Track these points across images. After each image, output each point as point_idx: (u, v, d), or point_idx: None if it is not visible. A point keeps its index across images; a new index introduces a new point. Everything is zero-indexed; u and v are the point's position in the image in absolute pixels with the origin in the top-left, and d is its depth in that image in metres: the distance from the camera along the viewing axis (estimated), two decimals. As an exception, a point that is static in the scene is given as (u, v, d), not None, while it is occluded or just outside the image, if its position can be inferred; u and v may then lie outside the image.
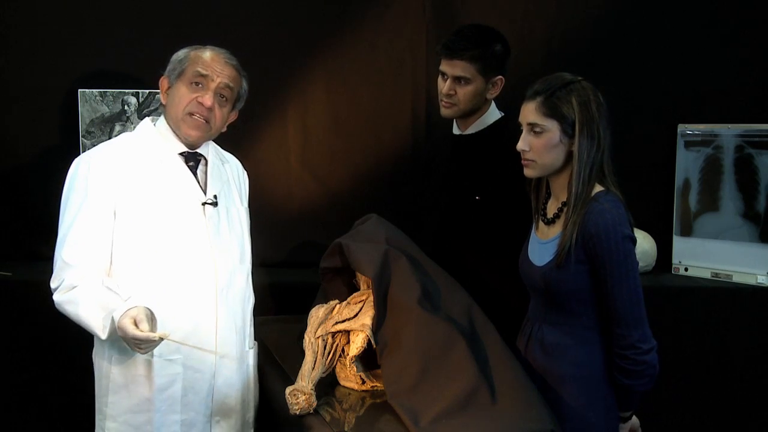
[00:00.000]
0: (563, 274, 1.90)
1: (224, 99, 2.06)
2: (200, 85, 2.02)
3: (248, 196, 2.28)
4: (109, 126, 3.02)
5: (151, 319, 1.83)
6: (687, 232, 3.06)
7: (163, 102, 2.09)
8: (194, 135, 2.05)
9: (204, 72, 2.01)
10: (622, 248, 1.84)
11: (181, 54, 2.06)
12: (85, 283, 1.91)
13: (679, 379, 2.78)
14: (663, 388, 1.97)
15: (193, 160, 2.09)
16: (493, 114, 2.46)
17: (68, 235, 1.95)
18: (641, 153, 3.04)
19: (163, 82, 2.07)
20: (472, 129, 2.47)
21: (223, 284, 2.06)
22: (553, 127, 1.89)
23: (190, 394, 2.03)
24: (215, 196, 2.08)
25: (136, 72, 3.01)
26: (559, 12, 3.10)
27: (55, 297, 1.94)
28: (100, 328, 1.88)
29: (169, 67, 2.07)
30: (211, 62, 2.03)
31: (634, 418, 2.06)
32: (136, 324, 1.79)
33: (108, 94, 3.03)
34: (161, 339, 1.81)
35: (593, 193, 1.90)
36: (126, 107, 3.03)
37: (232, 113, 2.14)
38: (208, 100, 2.01)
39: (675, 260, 3.08)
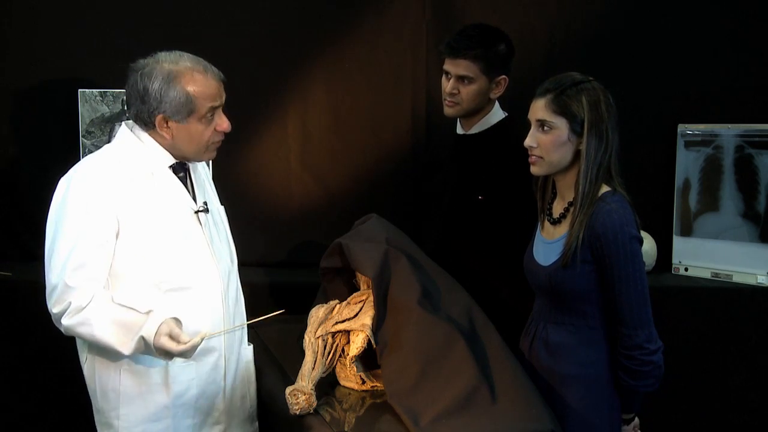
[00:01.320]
0: (569, 274, 1.90)
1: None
2: (211, 115, 1.99)
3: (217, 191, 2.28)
4: (109, 126, 3.02)
5: (179, 324, 1.87)
6: (687, 232, 3.06)
7: (166, 136, 1.97)
8: (214, 156, 2.07)
9: (216, 104, 1.98)
10: (629, 249, 1.84)
11: (178, 93, 1.91)
12: (94, 301, 1.87)
13: (679, 379, 2.77)
14: (663, 387, 1.96)
15: (181, 170, 2.07)
16: (496, 114, 2.46)
17: (70, 260, 1.87)
18: (641, 153, 3.04)
19: (161, 119, 1.94)
20: (475, 129, 2.47)
21: (225, 288, 2.08)
22: (561, 125, 1.90)
23: (202, 398, 2.04)
24: (205, 203, 2.08)
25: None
26: (559, 12, 3.10)
27: (64, 321, 1.88)
28: (122, 345, 1.86)
29: (165, 107, 1.92)
30: (215, 91, 1.96)
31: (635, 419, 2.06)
32: (172, 338, 1.83)
33: (108, 94, 3.03)
34: (203, 339, 1.88)
35: (600, 193, 1.90)
36: (126, 107, 3.02)
37: None
38: (227, 125, 2.02)
39: (675, 260, 3.08)
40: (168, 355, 1.87)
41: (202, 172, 2.20)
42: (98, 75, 3.03)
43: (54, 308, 1.89)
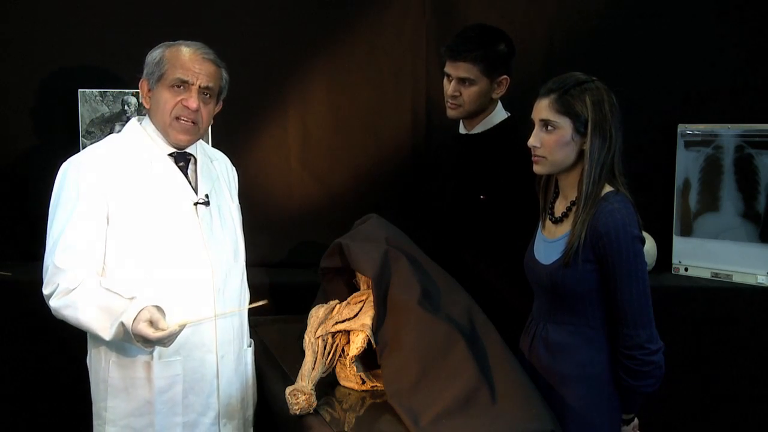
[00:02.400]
0: (570, 273, 1.90)
1: (208, 96, 2.04)
2: (182, 88, 1.99)
3: (238, 192, 2.27)
4: (109, 126, 3.02)
5: (162, 313, 1.86)
6: (687, 232, 3.06)
7: (146, 105, 2.05)
8: (184, 139, 2.04)
9: (185, 77, 1.98)
10: (631, 249, 1.84)
11: (156, 55, 2.02)
12: (82, 285, 1.89)
13: (679, 379, 2.77)
14: (663, 387, 1.96)
15: (182, 160, 2.08)
16: (499, 114, 2.46)
17: (59, 241, 1.91)
18: (641, 153, 3.04)
19: (143, 85, 2.04)
20: (478, 128, 2.47)
21: (219, 284, 2.06)
22: (565, 125, 1.90)
23: (191, 395, 2.03)
24: (207, 196, 2.08)
25: (137, 72, 3.01)
26: (559, 12, 3.10)
27: (52, 303, 1.91)
28: (103, 330, 1.87)
29: (146, 70, 2.03)
30: (189, 63, 1.99)
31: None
32: (151, 324, 1.82)
33: (108, 94, 3.03)
34: (182, 327, 1.84)
35: (603, 193, 1.90)
36: (126, 107, 3.03)
37: (217, 106, 2.12)
38: (193, 102, 1.99)
39: (675, 260, 3.08)
40: (147, 342, 1.85)
41: (219, 169, 2.20)
42: (98, 75, 3.03)
43: (44, 289, 1.94)
